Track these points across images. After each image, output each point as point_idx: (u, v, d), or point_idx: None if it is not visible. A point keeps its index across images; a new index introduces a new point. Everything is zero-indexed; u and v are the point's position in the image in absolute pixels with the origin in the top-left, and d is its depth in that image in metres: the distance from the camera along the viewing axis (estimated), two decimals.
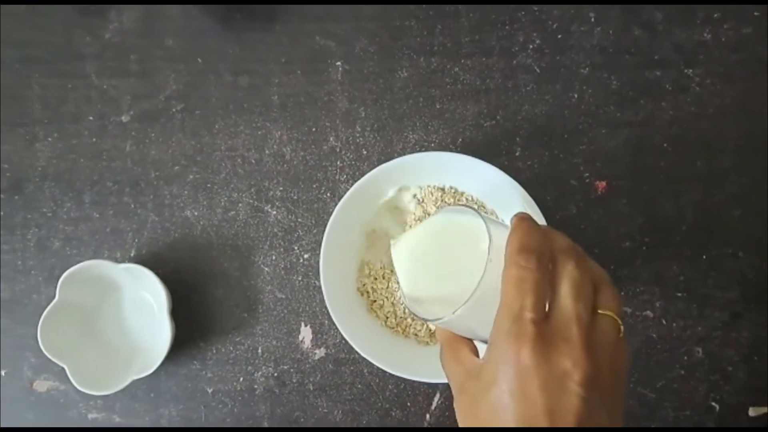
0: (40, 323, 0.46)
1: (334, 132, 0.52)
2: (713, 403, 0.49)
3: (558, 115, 0.51)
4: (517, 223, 0.29)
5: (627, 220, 0.50)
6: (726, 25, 0.51)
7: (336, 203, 0.49)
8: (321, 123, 0.52)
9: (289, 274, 0.51)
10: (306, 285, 0.51)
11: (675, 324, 0.50)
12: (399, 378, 0.44)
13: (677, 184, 0.50)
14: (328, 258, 0.44)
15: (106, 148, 0.52)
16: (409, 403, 0.50)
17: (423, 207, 0.47)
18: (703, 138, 0.50)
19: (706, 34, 0.51)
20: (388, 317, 0.47)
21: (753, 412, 0.49)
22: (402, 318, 0.47)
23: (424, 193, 0.47)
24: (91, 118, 0.52)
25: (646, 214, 0.50)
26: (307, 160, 0.52)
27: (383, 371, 0.44)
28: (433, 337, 0.46)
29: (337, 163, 0.51)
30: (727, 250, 0.50)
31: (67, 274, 0.46)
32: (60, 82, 0.52)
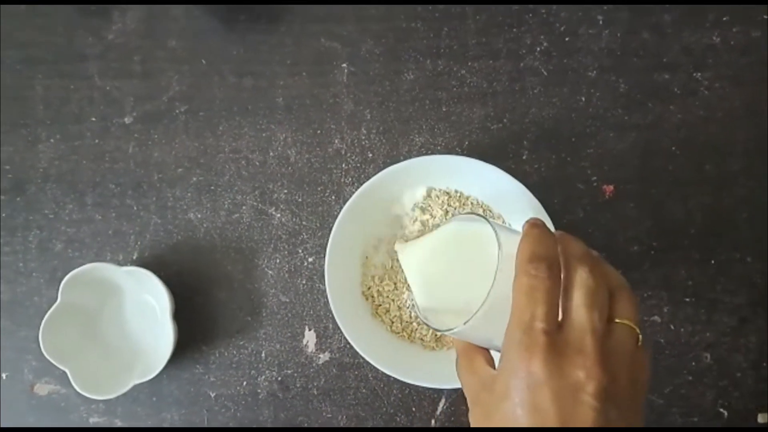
0: (41, 326, 0.45)
1: (339, 134, 0.51)
2: (721, 410, 0.49)
3: (565, 118, 0.51)
4: (528, 230, 0.29)
5: (635, 224, 0.50)
6: (735, 29, 0.51)
7: (341, 206, 0.49)
8: (326, 125, 0.51)
9: (293, 278, 0.50)
10: (310, 288, 0.50)
11: (683, 329, 0.49)
12: (404, 383, 0.44)
13: (685, 187, 0.50)
14: (333, 261, 0.44)
15: (109, 149, 0.52)
16: (414, 408, 0.50)
17: (429, 212, 0.47)
18: (711, 141, 0.50)
19: (715, 37, 0.51)
20: (394, 321, 0.47)
21: (762, 418, 0.49)
22: (408, 322, 0.47)
23: (429, 197, 0.47)
24: (93, 119, 0.52)
25: (654, 218, 0.50)
26: (311, 163, 0.51)
27: (388, 376, 0.44)
28: (439, 342, 0.46)
29: (342, 165, 0.51)
30: (736, 254, 0.50)
31: (69, 276, 0.46)
32: (62, 83, 0.52)
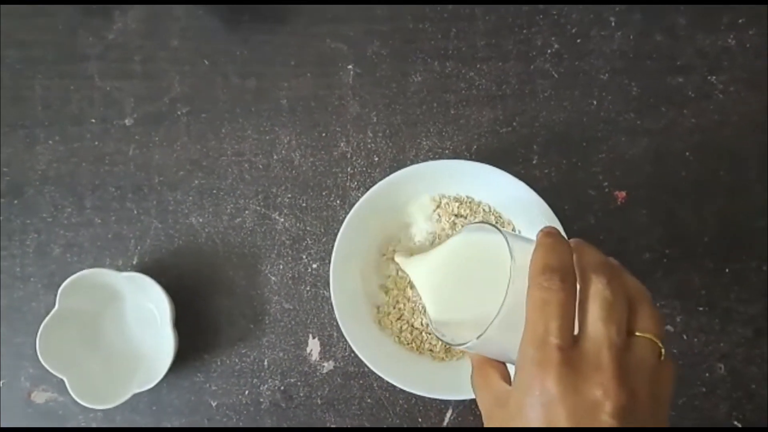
0: (38, 333, 0.45)
1: (344, 137, 0.51)
2: (736, 422, 0.48)
3: (576, 122, 0.50)
4: (541, 239, 0.28)
5: (647, 231, 0.49)
6: (751, 31, 0.50)
7: (346, 211, 0.49)
8: (331, 128, 0.51)
9: (297, 284, 0.50)
10: (314, 295, 0.50)
11: (696, 339, 0.49)
12: (410, 392, 0.43)
13: (699, 194, 0.49)
14: (338, 268, 0.43)
15: (109, 151, 0.51)
16: (420, 419, 0.49)
17: (438, 221, 0.46)
18: (726, 146, 0.50)
19: (730, 40, 0.50)
20: (403, 330, 0.46)
21: None
22: (418, 331, 0.46)
23: (439, 206, 0.46)
24: (93, 120, 0.51)
25: (666, 225, 0.49)
26: (316, 166, 0.51)
27: (393, 385, 0.43)
28: (449, 353, 0.45)
29: (348, 169, 0.51)
30: (751, 263, 0.49)
31: (68, 282, 0.45)
32: (62, 84, 0.52)
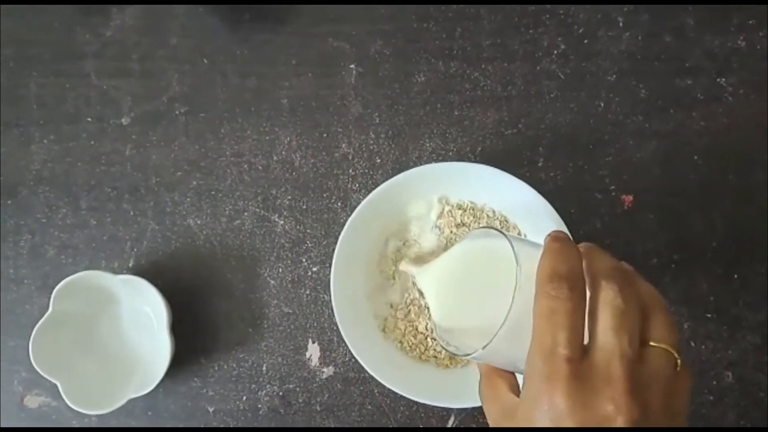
0: (32, 337, 0.44)
1: (346, 138, 0.50)
2: None
3: (583, 125, 0.50)
4: (549, 244, 0.27)
5: (654, 236, 0.49)
6: (761, 32, 0.50)
7: (347, 213, 0.49)
8: (333, 129, 0.50)
9: (297, 288, 0.49)
10: (314, 299, 0.49)
11: (704, 346, 0.48)
12: (411, 399, 0.43)
13: (708, 198, 0.49)
14: (339, 271, 0.43)
15: (105, 151, 0.51)
16: (421, 426, 0.48)
17: (442, 229, 0.46)
18: (735, 150, 0.49)
19: (740, 41, 0.50)
20: (406, 335, 0.45)
21: None
22: (422, 335, 0.45)
23: (442, 213, 0.46)
24: (89, 119, 0.51)
25: (674, 230, 0.49)
26: (317, 168, 0.50)
27: (395, 392, 0.42)
28: (453, 361, 0.44)
29: (349, 171, 0.50)
30: (761, 268, 0.48)
31: (62, 285, 0.44)
32: (58, 82, 0.51)
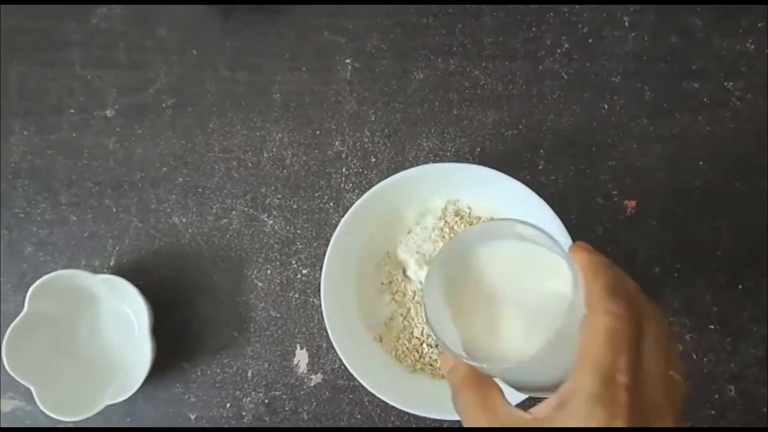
0: (5, 338, 0.44)
1: (340, 136, 0.50)
2: None
3: (586, 127, 0.49)
4: (596, 260, 0.26)
5: (657, 244, 0.48)
6: None
7: (339, 214, 0.49)
8: (326, 125, 0.50)
9: (286, 291, 0.49)
10: (303, 303, 0.49)
11: (706, 359, 0.47)
12: (403, 410, 0.42)
13: (713, 205, 0.48)
14: (330, 275, 0.42)
15: (88, 144, 0.50)
16: None
17: (436, 240, 0.45)
18: (742, 156, 0.49)
19: (749, 44, 0.49)
20: (400, 341, 0.45)
21: None
22: (418, 341, 0.44)
23: (444, 216, 0.45)
24: (72, 111, 0.50)
25: (678, 238, 0.48)
26: (309, 166, 0.50)
27: (386, 402, 0.41)
28: None
29: (343, 170, 0.49)
30: (766, 279, 0.48)
31: (38, 284, 0.44)
32: (40, 71, 0.51)
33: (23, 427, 0.48)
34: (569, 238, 0.41)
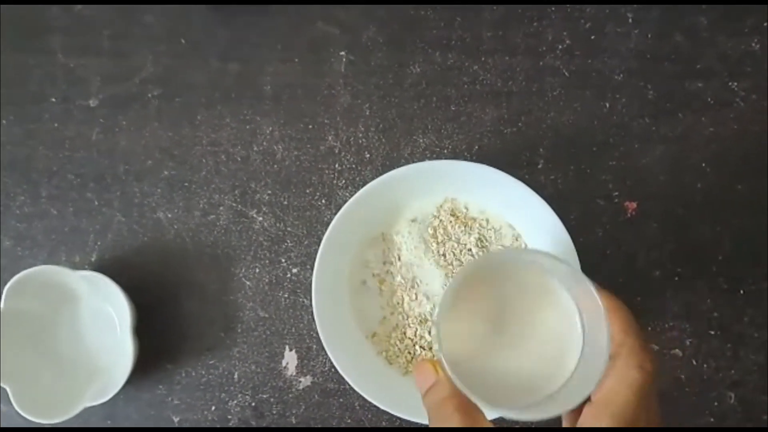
0: None
1: (333, 130, 0.49)
2: None
3: (587, 126, 0.49)
4: (625, 308, 0.27)
5: (658, 246, 0.48)
6: None
7: (332, 211, 0.48)
8: (319, 119, 0.49)
9: (275, 290, 0.48)
10: (293, 303, 0.48)
11: (706, 365, 0.47)
12: (394, 414, 0.42)
13: (715, 208, 0.48)
14: (321, 274, 0.41)
15: (70, 135, 0.49)
16: None
17: (426, 243, 0.44)
18: (745, 158, 0.48)
19: (754, 44, 0.49)
20: (392, 343, 0.44)
21: None
22: (410, 341, 0.44)
23: (438, 217, 0.44)
24: (53, 100, 0.50)
25: (679, 241, 0.48)
26: (300, 161, 0.49)
27: (377, 406, 0.41)
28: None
29: (336, 166, 0.49)
30: (767, 284, 0.47)
31: (15, 279, 0.43)
32: (21, 58, 0.50)
33: None
34: (569, 239, 0.40)
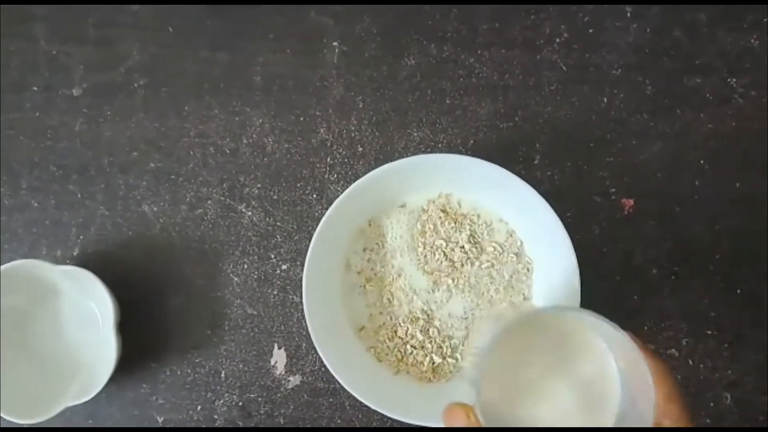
0: None
1: (325, 123, 0.49)
2: None
3: (584, 121, 0.48)
4: (672, 376, 0.28)
5: (655, 245, 0.48)
6: None
7: (323, 206, 0.48)
8: (311, 111, 0.49)
9: (263, 287, 0.48)
10: (282, 301, 0.48)
11: (703, 365, 0.47)
12: (386, 415, 0.41)
13: (713, 206, 0.48)
14: (312, 271, 0.41)
15: (52, 125, 0.49)
16: None
17: (422, 231, 0.44)
18: (744, 156, 0.48)
19: (753, 40, 0.49)
20: (382, 340, 0.44)
21: None
22: (401, 340, 0.43)
23: (426, 212, 0.44)
24: (35, 88, 0.49)
25: (676, 239, 0.48)
26: (291, 154, 0.49)
27: (368, 406, 0.40)
28: (436, 374, 0.42)
29: (327, 159, 0.48)
30: (765, 284, 0.47)
31: None
32: (2, 45, 0.49)
33: None
34: (567, 236, 0.40)
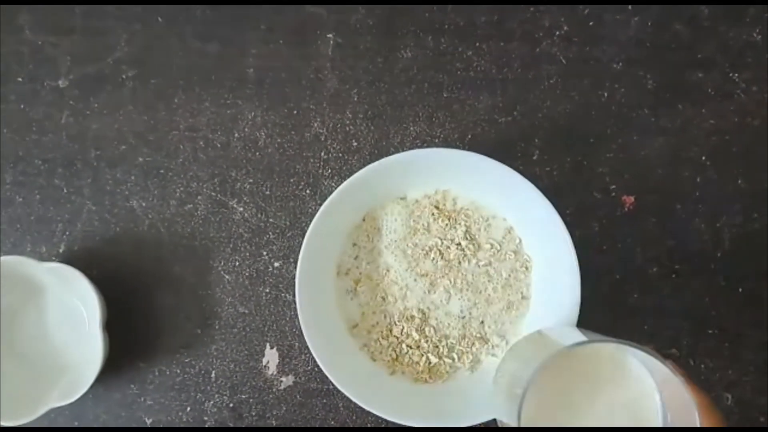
0: None
1: (319, 117, 0.49)
2: None
3: (584, 116, 0.48)
4: (709, 402, 0.29)
5: (656, 243, 0.47)
6: None
7: (317, 202, 0.48)
8: (304, 105, 0.49)
9: (255, 285, 0.48)
10: (275, 299, 0.47)
11: (703, 365, 0.47)
12: (380, 416, 0.41)
13: (715, 204, 0.48)
14: (305, 268, 0.41)
15: (37, 117, 0.49)
16: None
17: (414, 230, 0.44)
18: (746, 152, 0.48)
19: (756, 35, 0.49)
20: (376, 340, 0.43)
21: None
22: (396, 339, 0.43)
23: (417, 203, 0.44)
24: (20, 79, 0.49)
25: (677, 237, 0.47)
26: (284, 149, 0.48)
27: (362, 407, 0.40)
28: (432, 374, 0.42)
29: (321, 154, 0.48)
30: (766, 283, 0.47)
31: None
32: None
33: None
34: (567, 233, 0.40)
